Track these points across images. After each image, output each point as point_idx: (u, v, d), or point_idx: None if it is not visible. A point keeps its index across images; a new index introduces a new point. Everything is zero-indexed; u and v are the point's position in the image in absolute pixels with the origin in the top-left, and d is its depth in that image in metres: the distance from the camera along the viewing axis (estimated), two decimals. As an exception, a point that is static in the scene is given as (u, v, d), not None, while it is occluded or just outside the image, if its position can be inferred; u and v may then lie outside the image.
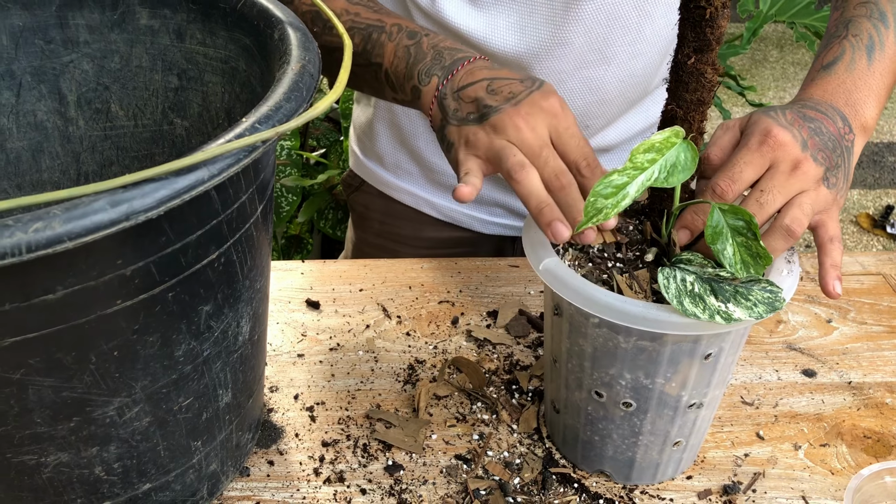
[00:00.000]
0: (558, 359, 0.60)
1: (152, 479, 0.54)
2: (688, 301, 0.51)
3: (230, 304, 0.51)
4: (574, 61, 0.81)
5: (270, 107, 0.44)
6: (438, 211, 0.97)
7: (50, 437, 0.47)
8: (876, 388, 0.73)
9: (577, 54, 0.80)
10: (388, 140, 0.95)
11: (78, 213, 0.36)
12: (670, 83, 0.55)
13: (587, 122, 0.87)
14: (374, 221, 1.02)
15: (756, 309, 0.50)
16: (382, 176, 0.98)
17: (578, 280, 0.54)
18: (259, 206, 0.51)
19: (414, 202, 0.97)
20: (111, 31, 0.64)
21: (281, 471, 0.64)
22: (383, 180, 0.98)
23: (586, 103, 0.85)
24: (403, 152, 0.95)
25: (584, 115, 0.86)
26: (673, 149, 0.52)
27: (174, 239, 0.43)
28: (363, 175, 1.01)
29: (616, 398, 0.58)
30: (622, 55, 0.82)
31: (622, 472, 0.63)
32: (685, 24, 0.52)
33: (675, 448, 0.61)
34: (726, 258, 0.53)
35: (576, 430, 0.62)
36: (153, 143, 0.69)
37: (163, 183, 0.38)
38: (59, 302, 0.41)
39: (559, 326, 0.59)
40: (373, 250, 1.03)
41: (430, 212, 0.97)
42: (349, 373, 0.73)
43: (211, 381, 0.53)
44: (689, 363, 0.55)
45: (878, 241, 2.55)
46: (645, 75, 0.86)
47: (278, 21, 0.54)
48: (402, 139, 0.94)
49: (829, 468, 0.65)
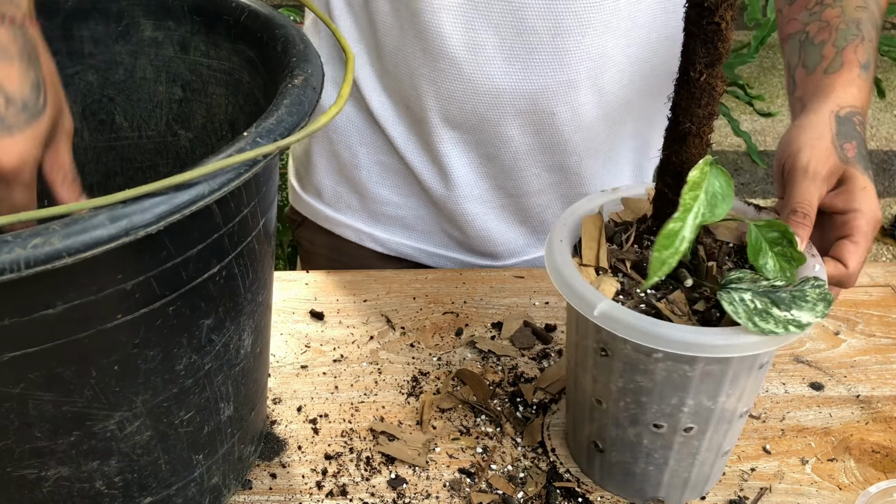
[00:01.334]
0: (605, 399, 0.58)
1: (153, 493, 0.54)
2: (758, 320, 0.50)
3: (232, 317, 0.51)
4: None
5: (272, 121, 0.44)
6: (384, 245, 0.94)
7: (50, 452, 0.47)
8: (885, 402, 0.72)
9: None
10: (326, 172, 0.92)
11: (77, 229, 0.36)
12: (681, 100, 0.54)
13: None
14: (321, 257, 0.98)
15: (817, 308, 0.51)
16: (322, 211, 0.94)
17: (638, 317, 0.52)
18: (261, 219, 0.51)
19: (357, 237, 0.93)
20: (116, 43, 0.64)
21: (283, 484, 0.64)
22: (323, 215, 0.94)
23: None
24: (343, 184, 0.91)
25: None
26: (706, 180, 0.52)
27: (175, 253, 0.43)
28: (303, 210, 0.97)
29: (677, 426, 0.57)
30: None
31: (676, 495, 0.62)
32: (695, 40, 0.51)
33: (724, 457, 0.61)
34: (769, 271, 0.54)
35: (626, 465, 0.61)
36: (157, 154, 0.69)
37: (163, 198, 0.38)
38: (60, 317, 0.40)
39: (607, 367, 0.56)
40: None
41: (375, 246, 0.94)
42: (353, 385, 0.73)
43: (212, 395, 0.53)
44: (747, 377, 0.55)
45: (888, 249, 2.54)
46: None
47: (282, 33, 0.54)
48: (341, 170, 0.90)
49: (836, 483, 0.64)
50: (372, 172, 0.89)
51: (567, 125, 0.81)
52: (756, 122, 3.11)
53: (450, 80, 0.78)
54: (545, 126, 0.81)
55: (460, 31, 0.75)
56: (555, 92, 0.79)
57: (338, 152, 0.90)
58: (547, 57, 0.76)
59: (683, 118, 0.54)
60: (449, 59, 0.77)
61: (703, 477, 0.61)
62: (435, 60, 0.78)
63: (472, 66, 0.77)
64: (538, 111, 0.80)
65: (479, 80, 0.78)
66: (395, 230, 0.93)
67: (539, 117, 0.80)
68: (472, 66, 0.77)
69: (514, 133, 0.82)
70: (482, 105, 0.80)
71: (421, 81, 0.80)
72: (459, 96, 0.79)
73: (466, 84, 0.78)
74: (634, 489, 0.62)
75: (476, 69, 0.77)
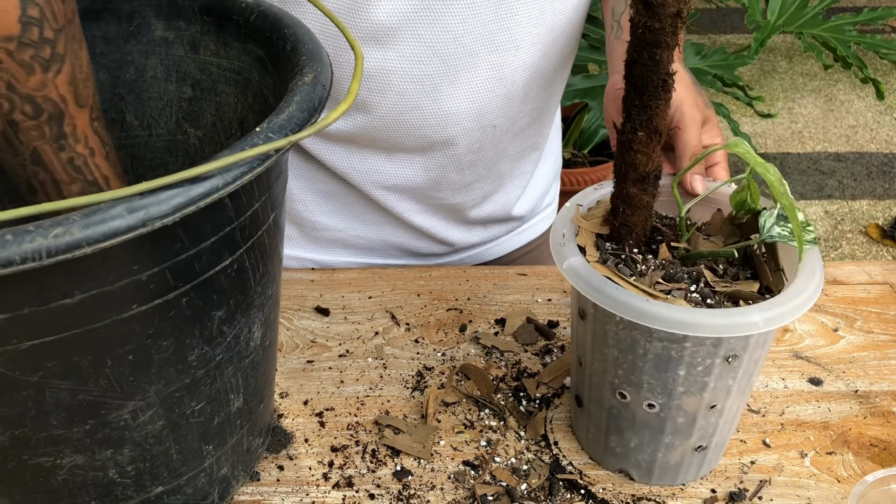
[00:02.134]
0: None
1: (164, 483, 0.55)
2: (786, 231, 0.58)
3: (242, 310, 0.52)
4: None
5: (284, 117, 0.45)
6: (327, 267, 0.93)
7: (65, 440, 0.48)
8: (882, 397, 0.73)
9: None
10: None
11: (96, 220, 0.37)
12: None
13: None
14: None
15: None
16: None
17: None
18: (271, 214, 0.52)
19: (300, 264, 0.94)
20: (127, 43, 0.66)
21: (290, 476, 0.65)
22: None
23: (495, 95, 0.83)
24: None
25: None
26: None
27: (189, 245, 0.44)
28: None
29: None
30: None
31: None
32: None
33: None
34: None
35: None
36: (167, 152, 0.70)
37: (178, 190, 0.39)
38: (77, 306, 0.42)
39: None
40: None
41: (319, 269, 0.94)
42: (358, 379, 0.74)
43: (223, 386, 0.54)
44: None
45: (888, 251, 2.55)
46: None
47: (291, 33, 0.56)
48: None
49: (835, 476, 0.65)
50: (308, 202, 0.90)
51: (506, 134, 0.85)
52: (756, 123, 3.12)
53: (397, 110, 0.80)
54: (487, 139, 0.84)
55: (407, 65, 0.77)
56: (496, 106, 0.81)
57: None
58: (486, 74, 0.79)
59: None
60: (396, 91, 0.78)
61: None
62: (381, 94, 0.78)
63: (419, 95, 0.78)
64: (482, 126, 0.82)
65: (425, 107, 0.79)
66: (337, 251, 0.94)
67: (482, 133, 0.83)
68: (419, 96, 0.79)
69: (461, 151, 0.84)
70: (430, 129, 0.81)
71: (366, 115, 0.80)
72: (406, 125, 0.81)
73: (413, 112, 0.80)
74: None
75: (423, 96, 0.79)
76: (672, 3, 0.50)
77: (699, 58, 1.75)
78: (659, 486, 0.64)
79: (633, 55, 0.54)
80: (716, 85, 1.67)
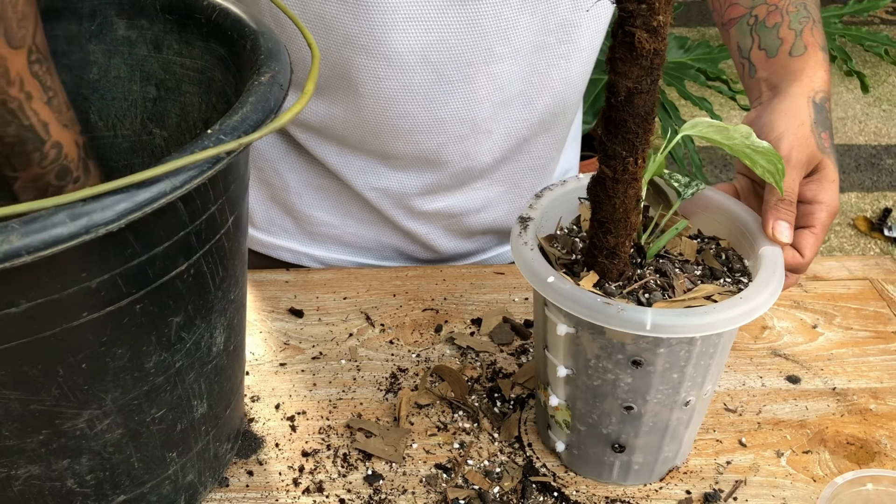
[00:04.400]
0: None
1: (127, 491, 0.54)
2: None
3: (202, 315, 0.51)
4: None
5: (237, 118, 0.44)
6: (322, 262, 0.94)
7: (19, 450, 0.47)
8: (860, 395, 0.72)
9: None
10: (258, 198, 0.91)
11: (36, 227, 0.36)
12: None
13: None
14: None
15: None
16: (256, 236, 0.93)
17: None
18: (230, 216, 0.51)
19: (295, 258, 0.93)
20: (89, 42, 0.64)
21: (260, 481, 0.64)
22: (258, 240, 0.94)
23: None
24: (276, 208, 0.91)
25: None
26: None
27: (140, 251, 0.43)
28: None
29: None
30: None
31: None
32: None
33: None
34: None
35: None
36: (133, 153, 0.69)
37: (124, 196, 0.38)
38: (24, 315, 0.41)
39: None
40: None
41: (313, 264, 0.94)
42: (331, 382, 0.73)
43: (184, 393, 0.53)
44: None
45: (876, 244, 2.55)
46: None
47: (251, 31, 0.54)
48: (273, 195, 0.90)
49: (811, 475, 0.65)
50: (304, 196, 0.89)
51: (502, 141, 0.82)
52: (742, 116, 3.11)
53: (390, 119, 0.78)
54: (483, 147, 0.82)
55: (403, 80, 0.75)
56: (491, 114, 0.79)
57: (267, 179, 0.89)
58: (483, 83, 0.77)
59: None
60: (386, 97, 0.77)
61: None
62: (371, 99, 0.77)
63: (412, 104, 0.77)
64: (476, 133, 0.80)
65: (418, 115, 0.78)
66: (332, 247, 0.93)
67: (476, 140, 0.81)
68: (412, 105, 0.77)
69: (455, 158, 0.82)
70: (423, 137, 0.80)
71: (355, 116, 0.79)
72: (401, 133, 0.79)
73: (404, 119, 0.78)
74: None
75: (417, 107, 0.77)
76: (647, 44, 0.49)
77: (682, 51, 1.74)
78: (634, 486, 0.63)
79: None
80: (699, 79, 1.66)
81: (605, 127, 0.52)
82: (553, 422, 0.63)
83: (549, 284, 0.54)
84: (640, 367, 0.55)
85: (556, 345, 0.58)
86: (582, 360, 0.57)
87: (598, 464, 0.63)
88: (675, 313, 0.52)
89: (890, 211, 2.64)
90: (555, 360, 0.59)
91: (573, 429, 0.62)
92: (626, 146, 0.52)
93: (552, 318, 0.57)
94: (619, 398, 0.58)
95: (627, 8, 0.47)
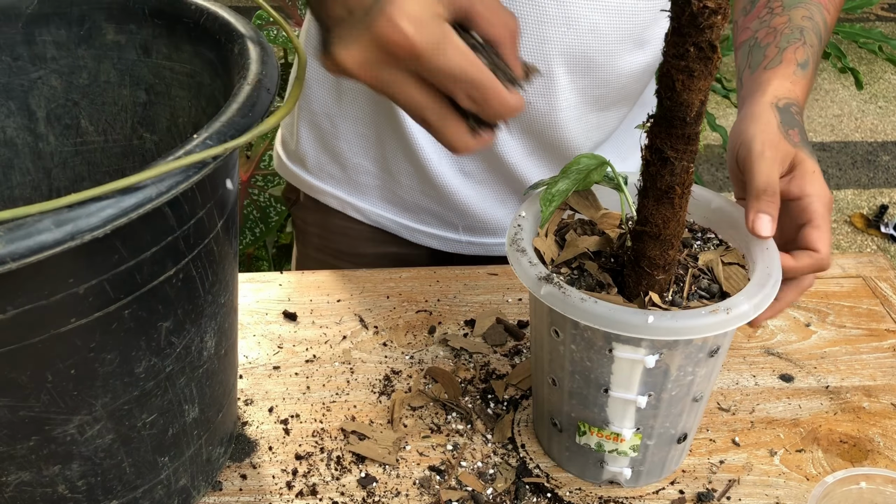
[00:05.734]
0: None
1: (119, 496, 0.54)
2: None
3: (192, 319, 0.51)
4: None
5: (223, 122, 0.44)
6: (365, 216, 0.95)
7: (9, 457, 0.47)
8: (853, 393, 0.73)
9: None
10: (309, 142, 0.93)
11: (21, 234, 0.36)
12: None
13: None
14: (313, 236, 1.01)
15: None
16: (306, 179, 0.96)
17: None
18: (219, 220, 0.51)
19: (340, 206, 0.95)
20: (78, 47, 0.64)
21: (254, 484, 0.64)
22: (307, 184, 0.97)
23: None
24: (325, 154, 0.93)
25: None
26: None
27: (127, 256, 0.43)
28: (292, 181, 0.99)
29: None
30: None
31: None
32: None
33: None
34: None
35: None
36: (124, 157, 0.69)
37: (109, 202, 0.38)
38: (11, 321, 0.41)
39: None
40: (314, 265, 1.01)
41: (357, 216, 0.95)
42: (325, 385, 0.73)
43: (175, 397, 0.53)
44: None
45: (873, 241, 2.55)
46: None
47: (239, 35, 0.54)
48: (323, 141, 0.92)
49: (804, 474, 0.65)
50: (352, 144, 0.90)
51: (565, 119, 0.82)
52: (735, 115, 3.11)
53: None
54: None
55: None
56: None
57: (319, 123, 0.91)
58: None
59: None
60: None
61: (659, 461, 0.62)
62: None
63: None
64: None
65: None
66: (374, 201, 0.94)
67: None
68: None
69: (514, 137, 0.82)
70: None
71: None
72: None
73: None
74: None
75: None
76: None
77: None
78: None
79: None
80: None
81: (671, 144, 0.51)
82: (614, 455, 0.61)
83: (649, 325, 0.52)
84: (714, 355, 0.56)
85: (629, 380, 0.56)
86: (661, 380, 0.56)
87: (661, 465, 0.63)
88: (743, 296, 0.54)
89: (886, 208, 2.64)
90: (626, 396, 0.57)
91: (641, 448, 0.60)
92: (691, 158, 0.52)
93: (628, 356, 0.54)
94: (692, 393, 0.58)
95: (711, 23, 0.46)
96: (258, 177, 1.65)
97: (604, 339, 0.54)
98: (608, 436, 0.60)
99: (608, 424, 0.59)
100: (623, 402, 0.57)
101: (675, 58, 0.48)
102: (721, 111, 3.08)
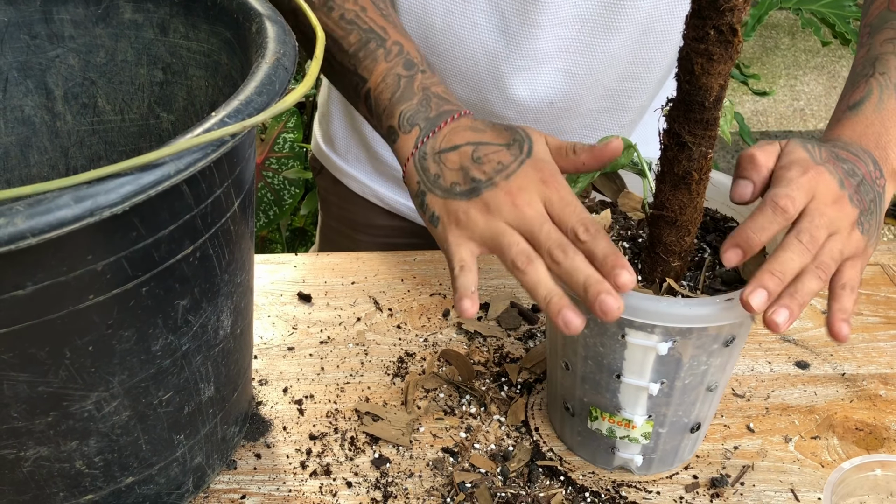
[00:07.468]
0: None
1: (135, 473, 0.54)
2: None
3: (209, 298, 0.51)
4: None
5: (241, 100, 0.44)
6: (383, 201, 0.96)
7: (28, 432, 0.47)
8: (870, 380, 0.72)
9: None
10: (340, 123, 0.95)
11: (41, 210, 0.36)
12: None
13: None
14: (334, 206, 1.03)
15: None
16: (333, 160, 0.98)
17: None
18: (236, 199, 0.51)
19: (360, 189, 0.97)
20: (96, 26, 0.64)
21: (268, 464, 0.64)
22: (334, 164, 0.98)
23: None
24: (354, 137, 0.94)
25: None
26: None
27: (145, 234, 0.43)
28: (319, 157, 1.01)
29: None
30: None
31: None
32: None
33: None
34: None
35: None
36: (140, 137, 0.69)
37: (128, 178, 0.38)
38: (30, 297, 0.41)
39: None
40: (334, 235, 1.04)
41: (376, 201, 0.97)
42: (339, 366, 0.73)
43: (191, 376, 0.53)
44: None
45: (889, 229, 2.53)
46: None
47: (256, 14, 0.54)
48: (353, 124, 0.93)
49: (819, 461, 0.64)
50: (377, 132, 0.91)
51: (564, 114, 0.83)
52: (758, 101, 3.09)
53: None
54: (543, 117, 0.83)
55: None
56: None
57: (348, 106, 0.92)
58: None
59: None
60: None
61: (672, 449, 0.62)
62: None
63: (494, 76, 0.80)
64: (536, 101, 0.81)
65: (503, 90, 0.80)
66: (394, 188, 0.95)
67: (537, 110, 0.82)
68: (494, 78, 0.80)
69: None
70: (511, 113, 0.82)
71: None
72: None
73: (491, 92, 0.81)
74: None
75: (509, 84, 0.80)
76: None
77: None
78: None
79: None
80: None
81: (689, 129, 0.50)
82: (625, 442, 0.61)
83: (662, 312, 0.51)
84: (729, 345, 0.56)
85: (641, 367, 0.56)
86: (674, 367, 0.56)
87: (673, 453, 0.63)
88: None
89: (904, 196, 2.62)
90: (639, 383, 0.57)
91: (653, 435, 0.60)
92: (710, 143, 0.51)
93: (641, 342, 0.54)
94: (706, 383, 0.58)
95: (732, 5, 0.45)
96: (272, 159, 1.65)
97: (616, 325, 0.54)
98: (620, 422, 0.59)
99: (620, 410, 0.59)
100: (635, 389, 0.57)
101: (694, 41, 0.47)
102: (738, 98, 3.05)
